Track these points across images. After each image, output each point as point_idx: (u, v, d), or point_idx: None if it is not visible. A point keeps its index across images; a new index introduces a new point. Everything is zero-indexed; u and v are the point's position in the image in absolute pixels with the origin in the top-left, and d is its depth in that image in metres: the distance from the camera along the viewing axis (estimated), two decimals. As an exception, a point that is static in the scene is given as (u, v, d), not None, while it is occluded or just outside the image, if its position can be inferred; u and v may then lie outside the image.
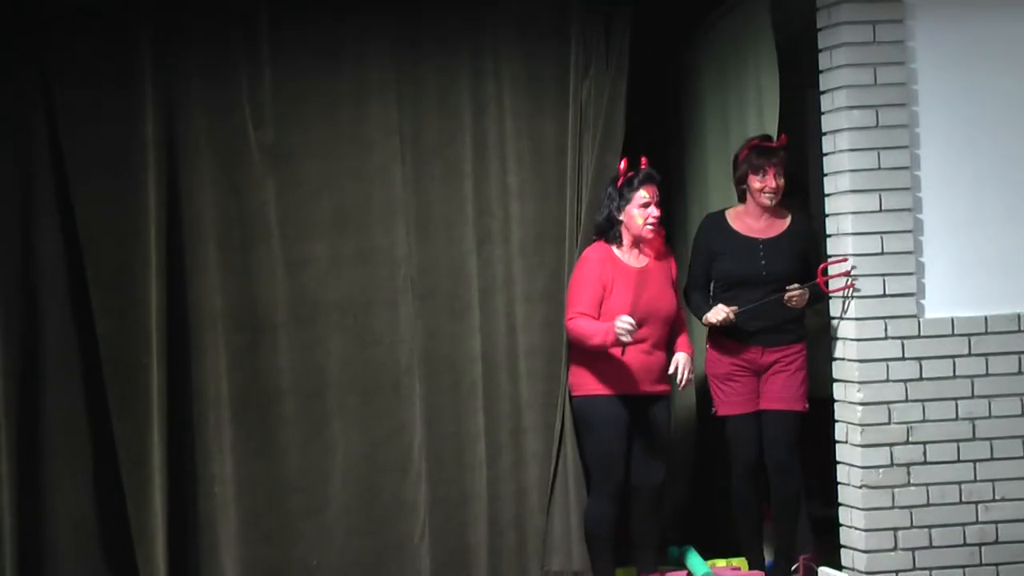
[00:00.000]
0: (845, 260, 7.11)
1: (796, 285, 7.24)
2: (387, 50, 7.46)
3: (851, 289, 7.07)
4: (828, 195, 7.25)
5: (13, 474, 7.09)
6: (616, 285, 7.23)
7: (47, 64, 7.18)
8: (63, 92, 7.18)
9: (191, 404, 7.31)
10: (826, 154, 7.25)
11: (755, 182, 7.35)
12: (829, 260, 7.19)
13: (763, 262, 7.34)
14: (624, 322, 7.05)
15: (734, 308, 7.29)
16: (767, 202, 7.36)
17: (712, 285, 7.50)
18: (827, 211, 7.26)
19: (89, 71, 7.21)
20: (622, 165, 7.30)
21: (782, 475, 7.38)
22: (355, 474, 7.42)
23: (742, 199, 7.44)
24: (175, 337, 7.26)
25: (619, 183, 7.29)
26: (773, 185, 7.33)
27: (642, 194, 7.28)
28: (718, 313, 7.30)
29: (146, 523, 7.18)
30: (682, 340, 7.41)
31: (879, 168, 7.07)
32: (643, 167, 7.31)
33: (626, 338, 7.06)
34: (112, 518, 7.22)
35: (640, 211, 7.28)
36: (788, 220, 7.44)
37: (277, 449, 7.38)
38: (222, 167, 7.35)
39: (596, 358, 7.25)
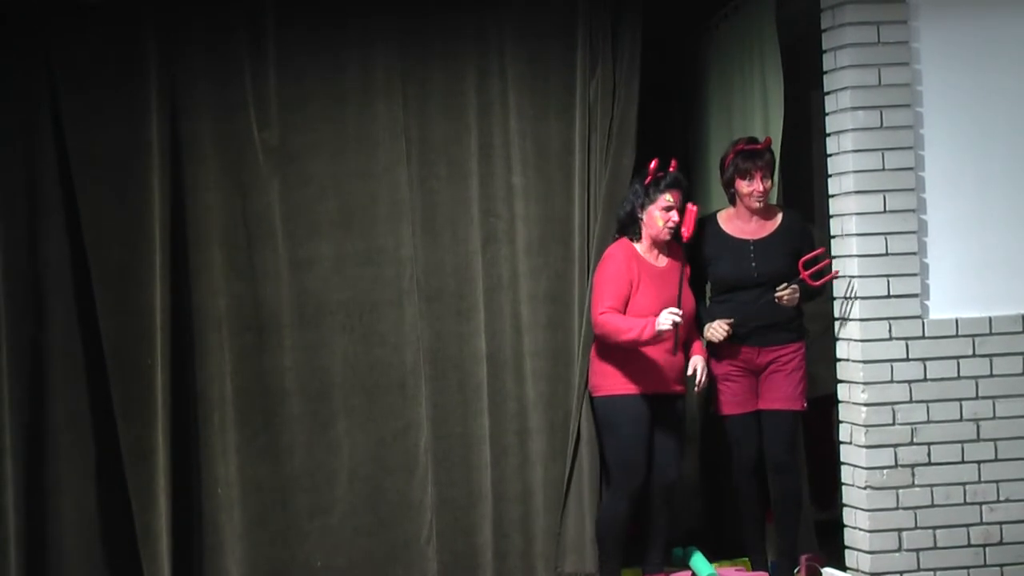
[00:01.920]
0: (821, 251, 7.18)
1: (784, 284, 7.25)
2: (393, 50, 7.46)
3: (835, 278, 7.15)
4: (832, 196, 7.25)
5: (18, 474, 7.10)
6: (642, 283, 7.24)
7: (53, 64, 7.20)
8: (69, 92, 7.20)
9: (195, 404, 7.32)
10: (830, 155, 7.25)
11: (743, 187, 7.35)
12: (808, 255, 7.23)
13: (753, 264, 7.35)
14: (672, 313, 7.09)
15: (730, 321, 7.30)
16: (756, 205, 7.36)
17: (708, 288, 7.51)
18: (831, 212, 7.26)
19: (95, 71, 7.23)
20: (652, 164, 7.30)
21: (781, 474, 7.38)
22: (361, 474, 7.43)
23: (732, 202, 7.45)
24: (180, 337, 7.27)
25: (646, 181, 7.30)
26: (760, 189, 7.33)
27: (667, 197, 7.28)
28: (718, 332, 7.32)
29: (150, 523, 7.19)
30: (697, 343, 7.42)
31: (883, 169, 7.07)
32: (672, 170, 7.31)
33: (667, 327, 7.08)
34: (117, 518, 7.23)
35: (662, 214, 7.29)
36: (779, 219, 7.43)
37: (282, 450, 7.38)
38: (227, 168, 7.36)
39: (622, 357, 7.25)
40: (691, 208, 7.26)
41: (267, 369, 7.37)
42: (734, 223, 7.44)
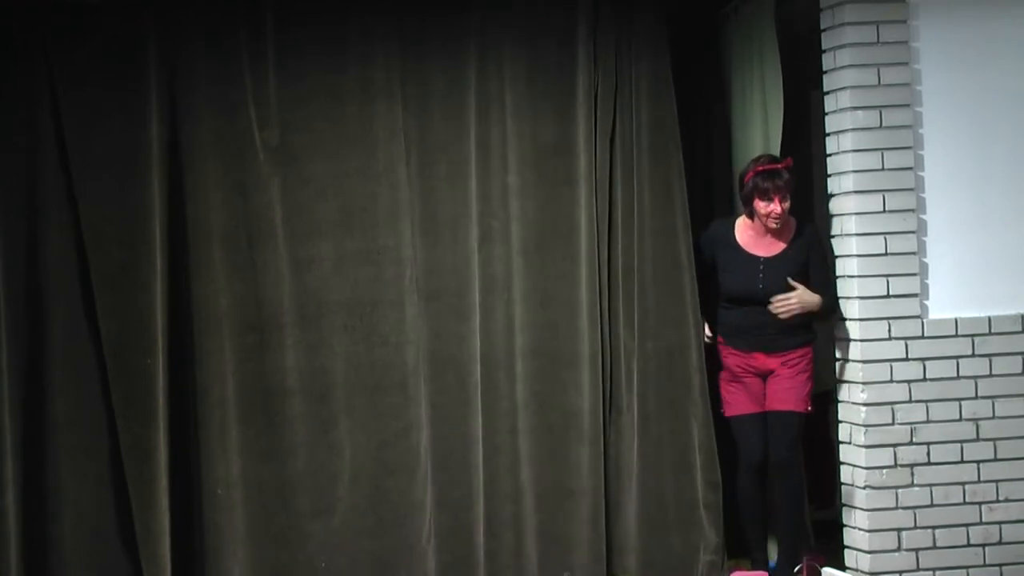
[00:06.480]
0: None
1: (781, 296, 7.27)
2: (393, 50, 7.46)
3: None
4: (832, 196, 7.26)
5: (18, 475, 7.10)
6: None
7: (53, 64, 7.19)
8: (69, 92, 7.19)
9: (196, 405, 7.31)
10: (830, 155, 7.26)
11: (761, 207, 7.32)
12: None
13: (760, 286, 7.35)
14: None
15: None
16: (773, 226, 7.34)
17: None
18: (831, 212, 7.28)
19: (95, 71, 7.22)
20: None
21: (783, 473, 7.39)
22: (362, 475, 7.42)
23: (750, 216, 7.42)
24: (180, 337, 7.27)
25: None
26: (779, 211, 7.30)
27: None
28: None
29: (151, 524, 7.19)
30: None
31: (883, 169, 7.08)
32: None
33: None
34: (117, 519, 7.23)
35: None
36: (793, 234, 7.40)
37: (283, 450, 7.37)
38: (227, 167, 7.36)
39: None
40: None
41: (268, 369, 7.36)
42: (748, 235, 7.43)
